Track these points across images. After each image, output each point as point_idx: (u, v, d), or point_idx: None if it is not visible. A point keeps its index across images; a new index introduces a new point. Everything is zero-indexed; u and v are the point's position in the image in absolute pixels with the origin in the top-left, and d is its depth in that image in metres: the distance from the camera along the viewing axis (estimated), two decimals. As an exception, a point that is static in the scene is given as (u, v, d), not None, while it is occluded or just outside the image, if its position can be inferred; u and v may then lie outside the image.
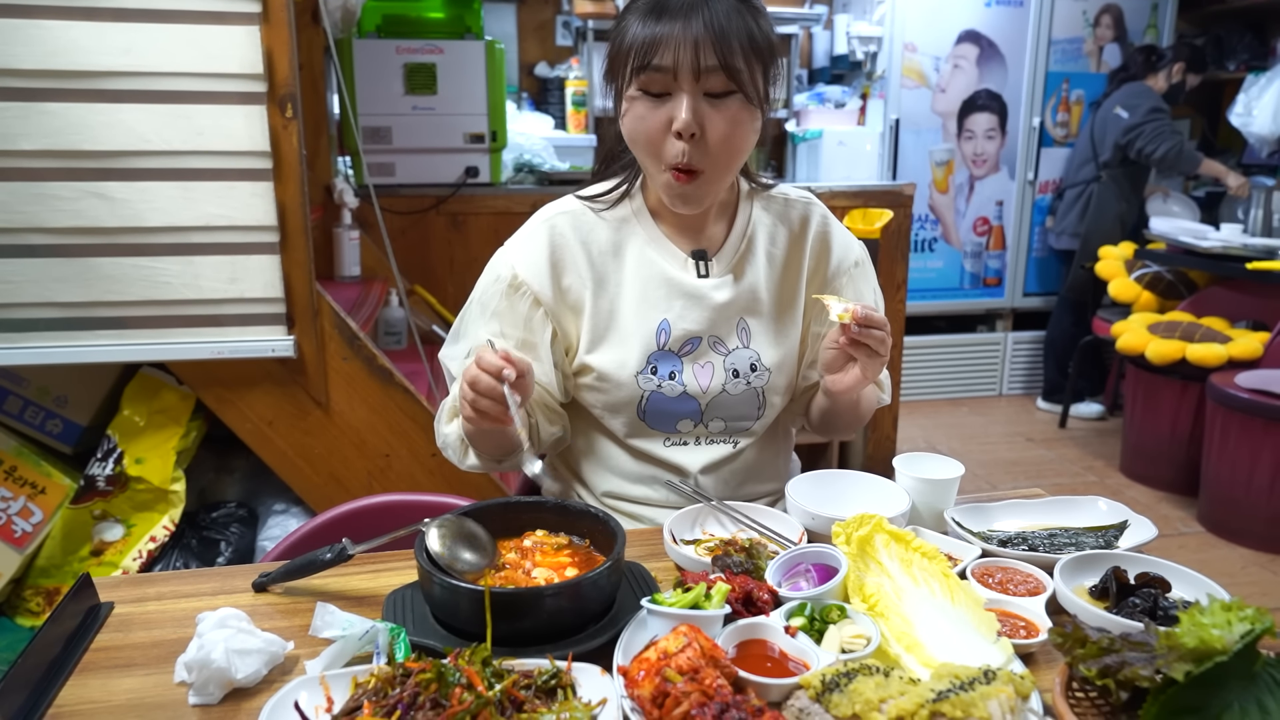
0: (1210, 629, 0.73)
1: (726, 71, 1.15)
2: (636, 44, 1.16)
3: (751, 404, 1.34)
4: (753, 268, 1.34)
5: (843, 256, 1.39)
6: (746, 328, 1.33)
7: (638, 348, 1.29)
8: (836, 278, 1.39)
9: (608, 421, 1.34)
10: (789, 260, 1.37)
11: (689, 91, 1.15)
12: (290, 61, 1.95)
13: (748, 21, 1.17)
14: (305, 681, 0.82)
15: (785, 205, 1.39)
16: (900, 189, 3.38)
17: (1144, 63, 4.42)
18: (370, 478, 2.26)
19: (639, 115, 1.19)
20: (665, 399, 1.30)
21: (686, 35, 1.13)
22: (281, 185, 1.99)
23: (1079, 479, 3.92)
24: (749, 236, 1.35)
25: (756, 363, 1.33)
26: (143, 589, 1.07)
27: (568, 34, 4.94)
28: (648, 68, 1.15)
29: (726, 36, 1.14)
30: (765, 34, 1.20)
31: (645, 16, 1.16)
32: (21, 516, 2.12)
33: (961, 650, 0.88)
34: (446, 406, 1.34)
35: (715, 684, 0.77)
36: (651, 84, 1.17)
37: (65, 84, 1.85)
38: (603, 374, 1.30)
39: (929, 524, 1.19)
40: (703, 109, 1.16)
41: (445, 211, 3.05)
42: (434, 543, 0.95)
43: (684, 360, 1.30)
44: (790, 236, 1.37)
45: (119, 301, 1.97)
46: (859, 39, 4.66)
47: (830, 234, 1.39)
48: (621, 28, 1.20)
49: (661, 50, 1.14)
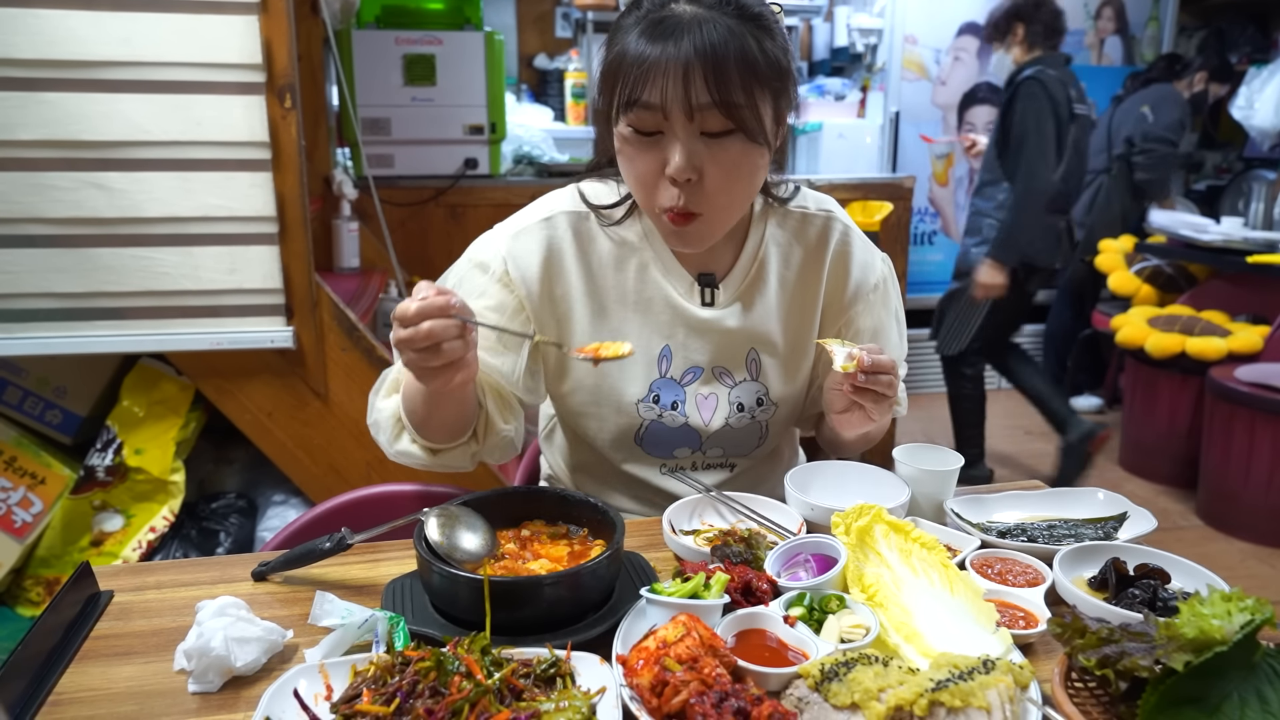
0: (1210, 619, 0.73)
1: (723, 109, 1.01)
2: (625, 72, 1.02)
3: (753, 435, 1.30)
4: (764, 294, 1.25)
5: (861, 279, 1.28)
6: (756, 359, 1.25)
7: (640, 374, 1.22)
8: (854, 304, 1.29)
9: (602, 445, 1.29)
10: (804, 283, 1.27)
11: (682, 133, 1.03)
12: (289, 52, 1.94)
13: (749, 43, 1.01)
14: (304, 670, 0.82)
15: (802, 221, 1.27)
16: (900, 182, 3.38)
17: (1166, 69, 4.39)
18: (369, 468, 2.26)
19: (629, 157, 1.08)
20: (665, 428, 1.25)
21: (675, 65, 0.99)
22: (280, 176, 1.98)
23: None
24: (760, 260, 1.25)
25: (764, 397, 1.26)
26: (142, 578, 1.07)
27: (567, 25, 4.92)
28: (636, 104, 1.02)
29: (722, 65, 0.99)
30: (772, 56, 1.04)
31: (640, 34, 1.02)
32: (21, 507, 2.12)
33: (960, 640, 0.88)
34: (388, 378, 1.21)
35: (714, 673, 0.77)
36: (641, 123, 1.04)
37: (63, 74, 1.85)
38: (602, 398, 1.23)
39: (928, 515, 1.19)
40: (699, 151, 1.04)
41: (444, 203, 3.05)
42: (433, 532, 0.95)
43: (686, 390, 1.24)
44: (806, 256, 1.27)
45: (118, 292, 1.97)
46: (859, 31, 4.65)
47: (850, 253, 1.28)
48: (616, 39, 1.07)
49: (650, 84, 1.00)
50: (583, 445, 1.34)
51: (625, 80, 1.03)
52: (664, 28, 1.01)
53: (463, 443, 1.19)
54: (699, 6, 1.03)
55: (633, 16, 1.06)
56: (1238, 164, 5.33)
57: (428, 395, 1.07)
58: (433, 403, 1.09)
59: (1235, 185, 5.08)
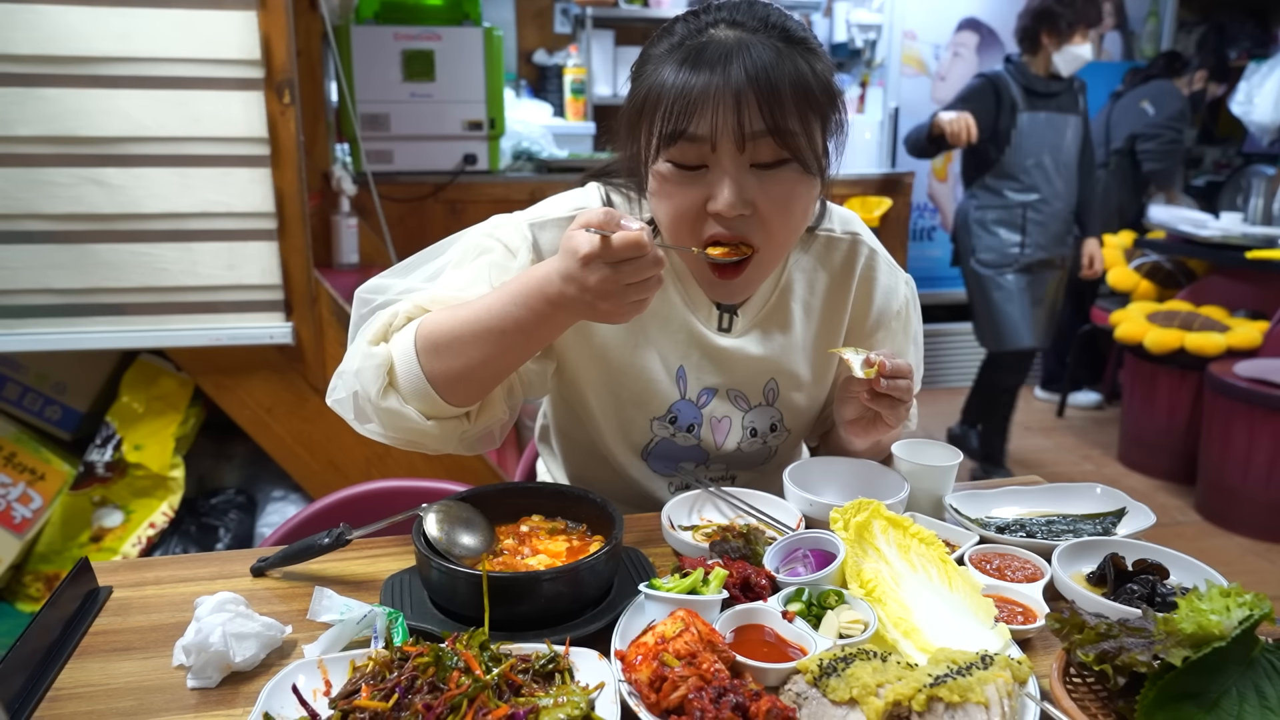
0: (1209, 614, 0.73)
1: (778, 137, 0.94)
2: (664, 104, 0.94)
3: (761, 455, 1.28)
4: (786, 321, 1.20)
5: (884, 306, 1.24)
6: (775, 388, 1.22)
7: (661, 391, 1.19)
8: (876, 330, 1.25)
9: (606, 451, 1.27)
10: (830, 309, 1.23)
11: (731, 165, 0.95)
12: (288, 47, 1.94)
13: (801, 66, 0.94)
14: (303, 665, 0.82)
15: (827, 245, 1.22)
16: (899, 177, 3.38)
17: (1166, 67, 4.38)
18: (369, 464, 2.26)
19: (667, 195, 0.99)
20: (675, 446, 1.24)
21: (724, 92, 0.91)
22: (279, 172, 1.98)
23: (1076, 468, 3.92)
24: (782, 287, 1.20)
25: (778, 423, 1.25)
26: (141, 573, 1.07)
27: (566, 21, 4.91)
28: (681, 137, 0.94)
29: (777, 90, 0.92)
30: (824, 79, 0.97)
31: (679, 62, 0.94)
32: (21, 503, 2.12)
33: (959, 635, 0.88)
34: (375, 324, 1.05)
35: (713, 668, 0.77)
36: (685, 157, 0.96)
37: (62, 69, 1.84)
38: (618, 411, 1.21)
39: (927, 510, 1.19)
40: (750, 184, 0.97)
41: (443, 199, 3.05)
42: (432, 528, 0.95)
43: (702, 412, 1.21)
44: (832, 281, 1.22)
45: (117, 288, 1.97)
46: (858, 27, 4.64)
47: (875, 278, 1.23)
48: (647, 70, 0.99)
49: (697, 115, 0.93)
50: (583, 450, 1.33)
51: (666, 113, 0.95)
52: (708, 54, 0.94)
53: (458, 415, 1.08)
54: (742, 30, 0.96)
55: (664, 45, 0.99)
56: (1237, 159, 5.32)
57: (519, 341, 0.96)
58: (518, 349, 0.98)
59: (1234, 181, 5.08)
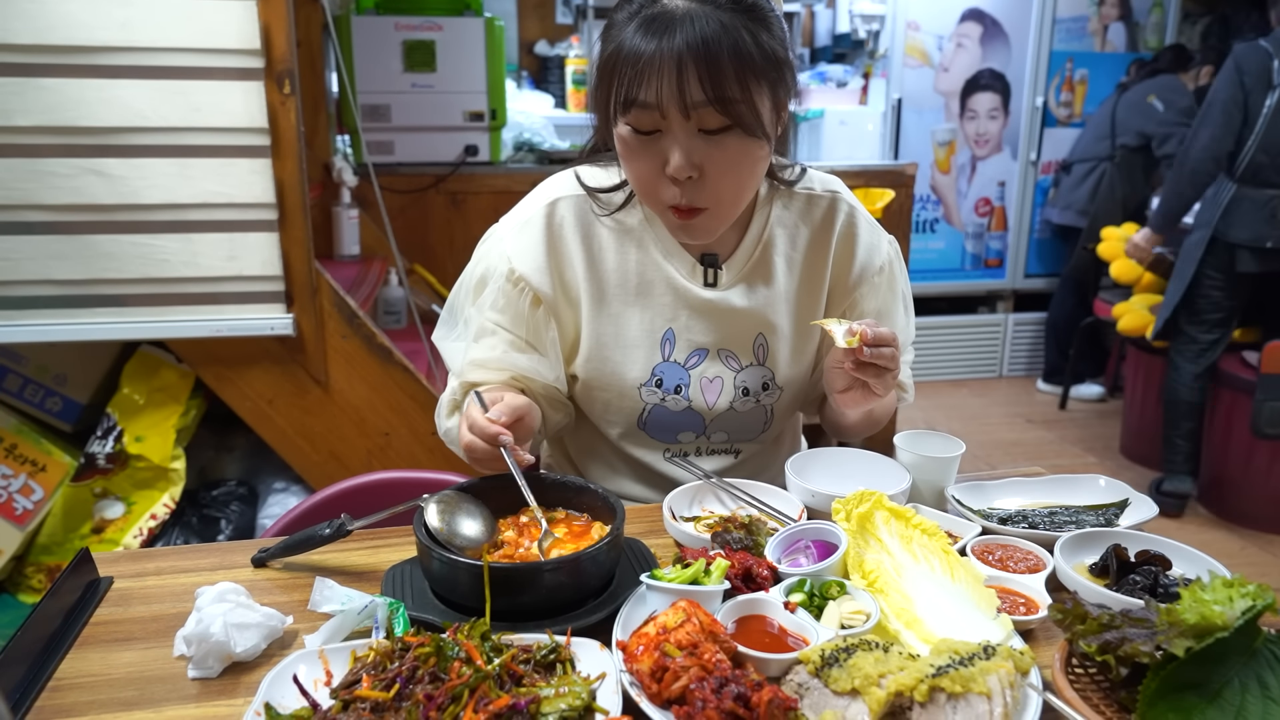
0: (1211, 605, 0.73)
1: (719, 106, 1.00)
2: (620, 70, 1.02)
3: (759, 420, 1.29)
4: (771, 276, 1.24)
5: (867, 261, 1.27)
6: (765, 344, 1.25)
7: (641, 358, 1.22)
8: (859, 285, 1.28)
9: (605, 428, 1.30)
10: (811, 264, 1.26)
11: (680, 131, 1.03)
12: (288, 37, 1.93)
13: (742, 37, 1.00)
14: (304, 655, 0.82)
15: (808, 202, 1.26)
16: (902, 169, 3.37)
17: (1173, 60, 4.35)
18: (370, 456, 2.26)
19: (630, 157, 1.08)
20: (668, 412, 1.25)
21: (668, 62, 0.98)
22: (280, 162, 1.98)
23: (1079, 460, 3.92)
24: (765, 241, 1.24)
25: (769, 381, 1.26)
26: (142, 564, 1.07)
27: (568, 11, 4.89)
28: (633, 104, 1.02)
29: (715, 61, 0.98)
30: (768, 48, 1.02)
31: (635, 29, 1.01)
32: (22, 494, 2.12)
33: (961, 626, 0.88)
34: (445, 401, 1.26)
35: (714, 659, 0.77)
36: (639, 122, 1.04)
37: (61, 59, 1.84)
38: (604, 383, 1.24)
39: (929, 501, 1.19)
40: (698, 149, 1.04)
41: (445, 190, 3.04)
42: (433, 518, 0.95)
43: (690, 373, 1.23)
44: (812, 237, 1.26)
45: (117, 279, 1.97)
46: (861, 17, 4.62)
47: (856, 234, 1.27)
48: (611, 34, 1.06)
49: (645, 83, 1.00)
50: (586, 428, 1.34)
51: (621, 79, 1.02)
52: (657, 24, 0.99)
53: None
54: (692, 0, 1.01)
55: (625, 10, 1.05)
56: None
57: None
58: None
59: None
